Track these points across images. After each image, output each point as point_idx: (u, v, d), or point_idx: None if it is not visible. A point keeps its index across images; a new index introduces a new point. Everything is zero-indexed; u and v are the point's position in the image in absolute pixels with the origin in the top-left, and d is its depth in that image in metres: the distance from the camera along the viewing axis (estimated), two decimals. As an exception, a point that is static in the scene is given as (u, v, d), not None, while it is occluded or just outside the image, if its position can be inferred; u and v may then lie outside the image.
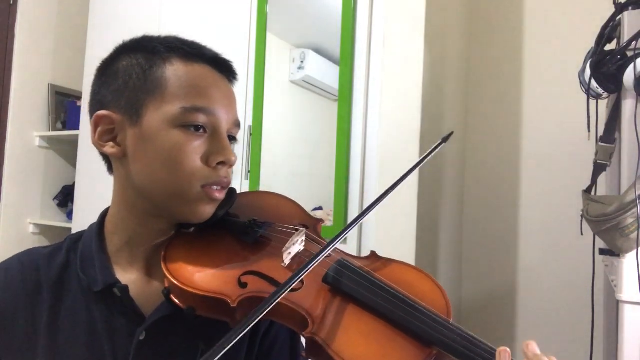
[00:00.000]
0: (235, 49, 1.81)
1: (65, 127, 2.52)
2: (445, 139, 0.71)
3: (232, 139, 0.69)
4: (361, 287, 0.59)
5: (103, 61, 0.69)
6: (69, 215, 2.47)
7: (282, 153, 1.85)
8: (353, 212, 1.54)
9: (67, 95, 2.56)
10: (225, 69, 0.69)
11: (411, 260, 1.49)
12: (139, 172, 0.65)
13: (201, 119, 0.64)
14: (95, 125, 0.66)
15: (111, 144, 0.66)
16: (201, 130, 0.64)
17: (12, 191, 2.36)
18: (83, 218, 2.15)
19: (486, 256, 2.03)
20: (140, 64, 0.65)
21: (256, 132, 1.74)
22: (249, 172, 1.74)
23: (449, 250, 1.95)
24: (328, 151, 1.60)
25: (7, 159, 2.34)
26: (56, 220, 2.48)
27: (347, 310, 0.58)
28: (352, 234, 1.54)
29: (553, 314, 1.87)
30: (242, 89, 1.78)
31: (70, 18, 2.53)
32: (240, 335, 0.47)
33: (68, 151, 2.54)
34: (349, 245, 1.53)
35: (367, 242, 1.53)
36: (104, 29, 2.19)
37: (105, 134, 0.66)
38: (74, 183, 2.28)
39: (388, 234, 1.52)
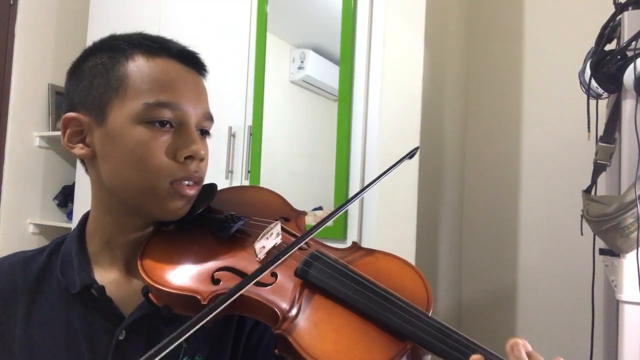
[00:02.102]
0: (235, 49, 1.81)
1: (65, 127, 2.52)
2: (410, 155, 0.68)
3: (205, 132, 0.69)
4: (332, 279, 0.57)
5: (72, 63, 0.70)
6: (69, 215, 2.47)
7: (282, 153, 1.85)
8: (353, 212, 1.54)
9: (67, 95, 2.56)
10: (192, 62, 0.68)
11: (411, 260, 1.49)
12: (109, 172, 0.65)
13: (166, 113, 0.63)
14: (64, 127, 0.66)
15: (80, 145, 0.66)
16: (167, 126, 0.63)
17: (12, 191, 2.36)
18: (83, 218, 2.14)
19: (486, 256, 2.03)
20: (103, 63, 0.65)
21: (256, 132, 1.74)
22: (249, 172, 1.75)
23: (449, 250, 1.95)
24: (328, 151, 1.60)
25: (7, 159, 2.34)
26: (56, 220, 2.48)
27: (319, 304, 0.56)
28: (353, 234, 1.54)
29: (553, 314, 1.87)
30: (242, 89, 1.78)
31: (70, 18, 2.53)
32: (197, 327, 0.45)
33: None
34: (349, 245, 1.53)
35: (367, 243, 1.53)
36: (104, 29, 2.18)
37: (74, 135, 0.66)
38: (74, 183, 2.28)
39: (388, 234, 1.52)
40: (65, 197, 2.54)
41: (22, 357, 0.64)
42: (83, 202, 2.17)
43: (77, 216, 2.20)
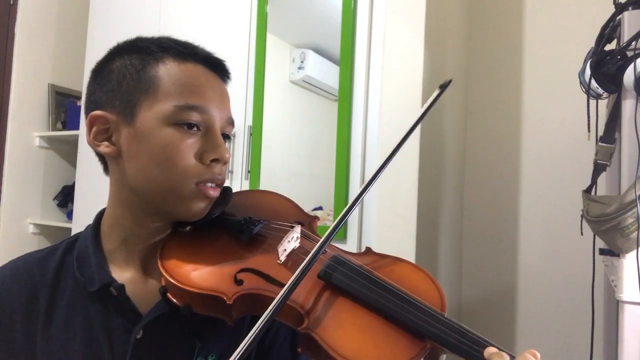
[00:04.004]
0: (235, 49, 1.81)
1: (65, 127, 2.53)
2: (443, 87, 0.67)
3: (226, 137, 0.70)
4: (355, 282, 0.59)
5: (97, 63, 0.70)
6: (69, 215, 2.47)
7: (282, 153, 1.85)
8: (353, 212, 1.54)
9: (67, 95, 2.56)
10: (218, 68, 0.70)
11: (411, 260, 1.49)
12: (134, 171, 0.65)
13: (194, 116, 0.64)
14: (90, 125, 0.67)
15: (106, 143, 0.67)
16: (194, 128, 0.65)
17: (12, 191, 2.36)
18: (83, 218, 2.15)
19: (486, 256, 2.03)
20: (133, 64, 0.66)
21: (256, 132, 1.74)
22: (249, 172, 1.75)
23: (449, 251, 1.95)
24: (328, 151, 1.60)
25: (7, 159, 2.34)
26: (56, 220, 2.48)
27: (342, 305, 0.58)
28: (353, 234, 1.54)
29: (553, 314, 1.87)
30: (242, 89, 1.78)
31: (70, 18, 2.53)
32: (249, 342, 0.50)
33: (68, 151, 2.54)
34: (349, 246, 1.53)
35: (367, 242, 1.53)
36: (104, 29, 2.19)
37: (99, 133, 0.67)
38: (74, 183, 2.28)
39: (388, 235, 1.52)
40: (65, 197, 2.54)
41: (43, 355, 0.65)
42: (83, 202, 2.17)
43: (77, 216, 2.20)
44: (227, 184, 1.90)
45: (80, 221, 2.15)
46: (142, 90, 0.65)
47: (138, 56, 0.67)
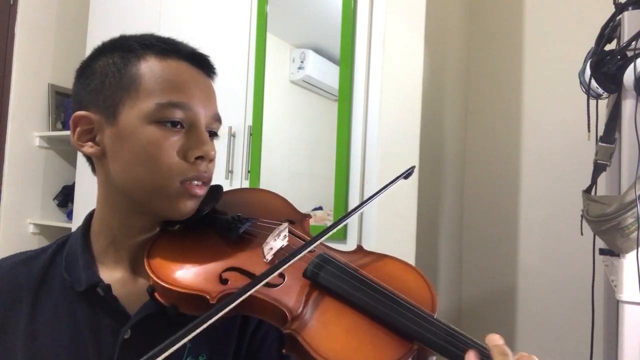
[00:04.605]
0: (235, 49, 1.81)
1: (65, 127, 2.52)
2: (405, 175, 0.68)
3: (213, 134, 0.69)
4: (341, 281, 0.58)
5: (81, 63, 0.70)
6: (69, 215, 2.47)
7: (282, 153, 1.85)
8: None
9: (67, 95, 2.56)
10: (202, 64, 0.69)
11: (411, 261, 1.49)
12: (118, 171, 0.65)
13: (177, 114, 0.63)
14: (74, 125, 0.66)
15: (90, 143, 0.66)
16: (178, 126, 0.64)
17: (12, 191, 2.36)
18: (83, 218, 2.15)
19: (486, 256, 2.03)
20: (115, 63, 0.65)
21: (256, 132, 1.74)
22: (249, 172, 1.75)
23: (449, 251, 1.95)
24: (328, 151, 1.60)
25: (7, 159, 2.34)
26: (56, 220, 2.48)
27: (327, 305, 0.57)
28: (353, 234, 1.54)
29: (553, 314, 1.87)
30: (242, 89, 1.78)
31: (70, 18, 2.53)
32: (203, 327, 0.47)
33: (68, 151, 2.54)
34: (349, 246, 1.53)
35: (367, 243, 1.53)
36: (104, 29, 2.19)
37: (84, 134, 0.66)
38: (74, 183, 2.28)
39: (388, 234, 1.52)
40: (65, 197, 2.53)
41: (26, 356, 0.64)
42: (83, 202, 2.17)
43: (77, 216, 2.20)
44: (227, 184, 1.89)
45: (80, 221, 2.15)
46: (124, 89, 0.64)
47: (120, 54, 0.66)
